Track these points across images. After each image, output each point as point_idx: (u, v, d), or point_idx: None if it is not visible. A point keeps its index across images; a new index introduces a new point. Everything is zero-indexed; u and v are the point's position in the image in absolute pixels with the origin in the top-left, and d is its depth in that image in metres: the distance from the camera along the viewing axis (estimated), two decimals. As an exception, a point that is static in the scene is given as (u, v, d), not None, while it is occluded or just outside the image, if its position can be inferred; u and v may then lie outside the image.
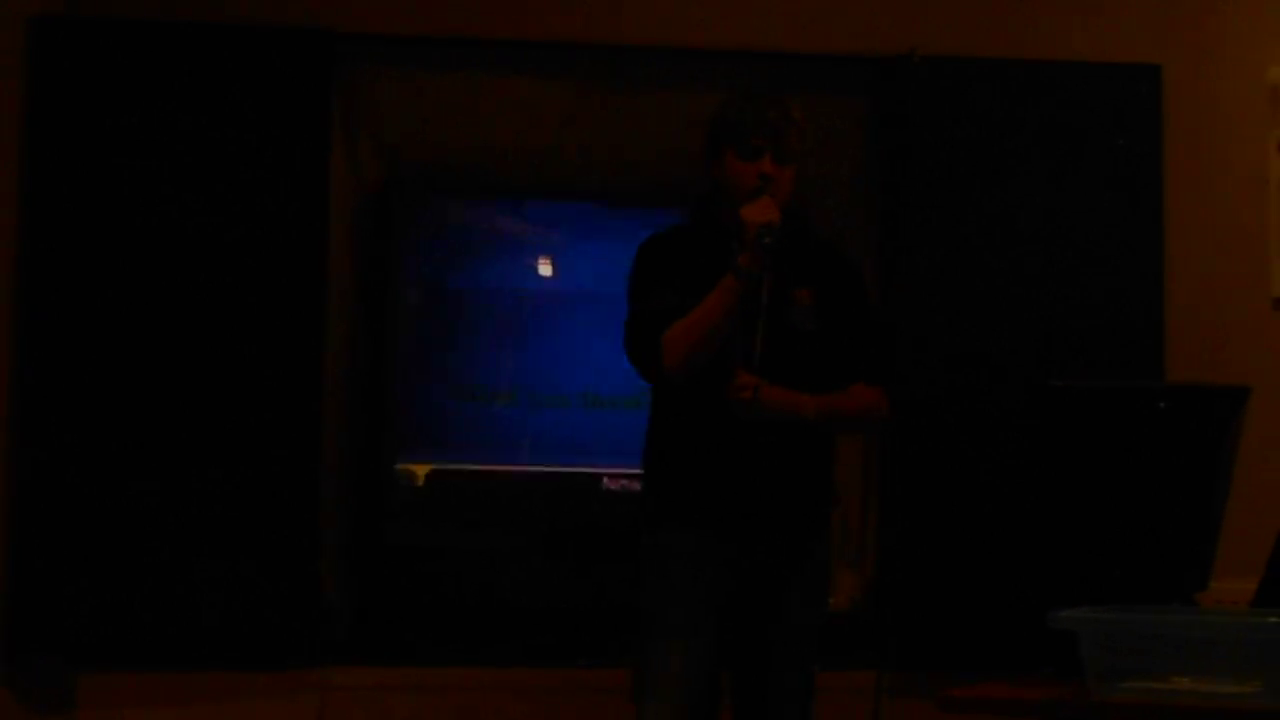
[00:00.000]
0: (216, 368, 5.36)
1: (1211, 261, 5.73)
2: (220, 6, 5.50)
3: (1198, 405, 3.77)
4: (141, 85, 5.40)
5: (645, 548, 4.12)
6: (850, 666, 5.57)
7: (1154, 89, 5.72)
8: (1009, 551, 5.08)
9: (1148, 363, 5.60)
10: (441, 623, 5.59)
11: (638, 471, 4.31)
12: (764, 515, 4.05)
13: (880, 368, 4.22)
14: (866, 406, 4.16)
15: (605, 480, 5.63)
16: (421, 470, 5.61)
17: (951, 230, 5.65)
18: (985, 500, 5.38)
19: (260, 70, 5.46)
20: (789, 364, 4.01)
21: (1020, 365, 5.52)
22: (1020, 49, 5.72)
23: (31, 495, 5.28)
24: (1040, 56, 5.71)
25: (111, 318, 5.34)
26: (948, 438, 5.53)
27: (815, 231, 4.31)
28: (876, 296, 5.78)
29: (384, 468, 5.62)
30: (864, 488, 5.82)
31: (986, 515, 5.37)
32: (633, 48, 5.69)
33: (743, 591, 4.05)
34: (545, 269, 5.78)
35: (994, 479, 5.33)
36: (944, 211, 5.66)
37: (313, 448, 5.41)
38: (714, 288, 3.97)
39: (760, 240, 3.93)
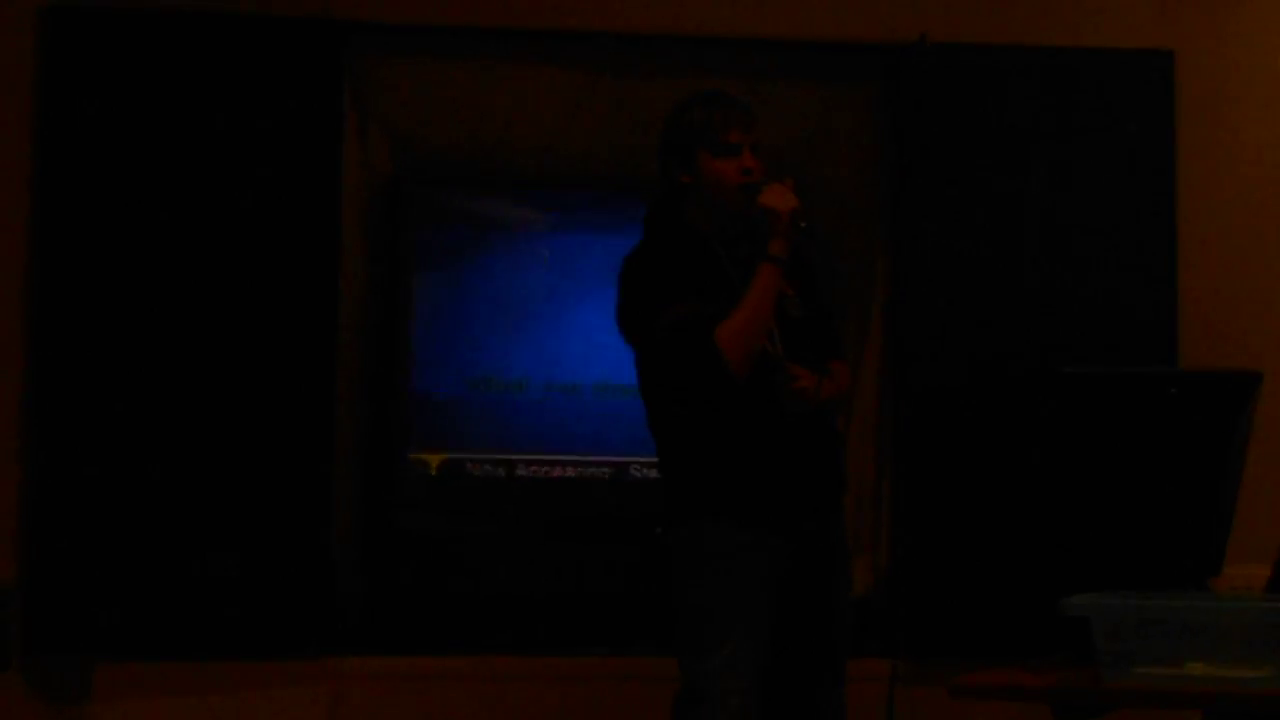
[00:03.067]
0: (229, 358, 5.37)
1: (1224, 247, 5.72)
2: (232, -3, 5.51)
3: (1210, 391, 3.76)
4: (152, 75, 5.40)
5: (694, 545, 3.99)
6: (863, 654, 5.57)
7: (1166, 74, 5.71)
8: (1021, 538, 5.08)
9: (1160, 349, 5.59)
10: (454, 611, 5.60)
11: (653, 461, 4.27)
12: (808, 504, 4.04)
13: (841, 343, 4.31)
14: (850, 382, 4.30)
15: (623, 469, 5.64)
16: (434, 459, 5.61)
17: (963, 217, 5.64)
18: (997, 488, 5.38)
19: (271, 60, 5.46)
20: (791, 351, 4.03)
21: (1032, 352, 5.52)
22: (1032, 35, 5.71)
23: (46, 488, 5.29)
24: (1052, 42, 5.70)
25: (123, 310, 5.34)
26: (960, 425, 5.52)
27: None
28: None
29: (396, 457, 5.62)
30: (877, 476, 5.81)
31: (999, 503, 5.37)
32: (642, 36, 5.69)
33: (791, 582, 4.00)
34: (557, 258, 5.78)
35: (1006, 466, 5.33)
36: (955, 199, 5.65)
37: (325, 437, 5.42)
38: (714, 290, 3.95)
39: (798, 225, 3.92)
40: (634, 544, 5.39)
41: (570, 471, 5.67)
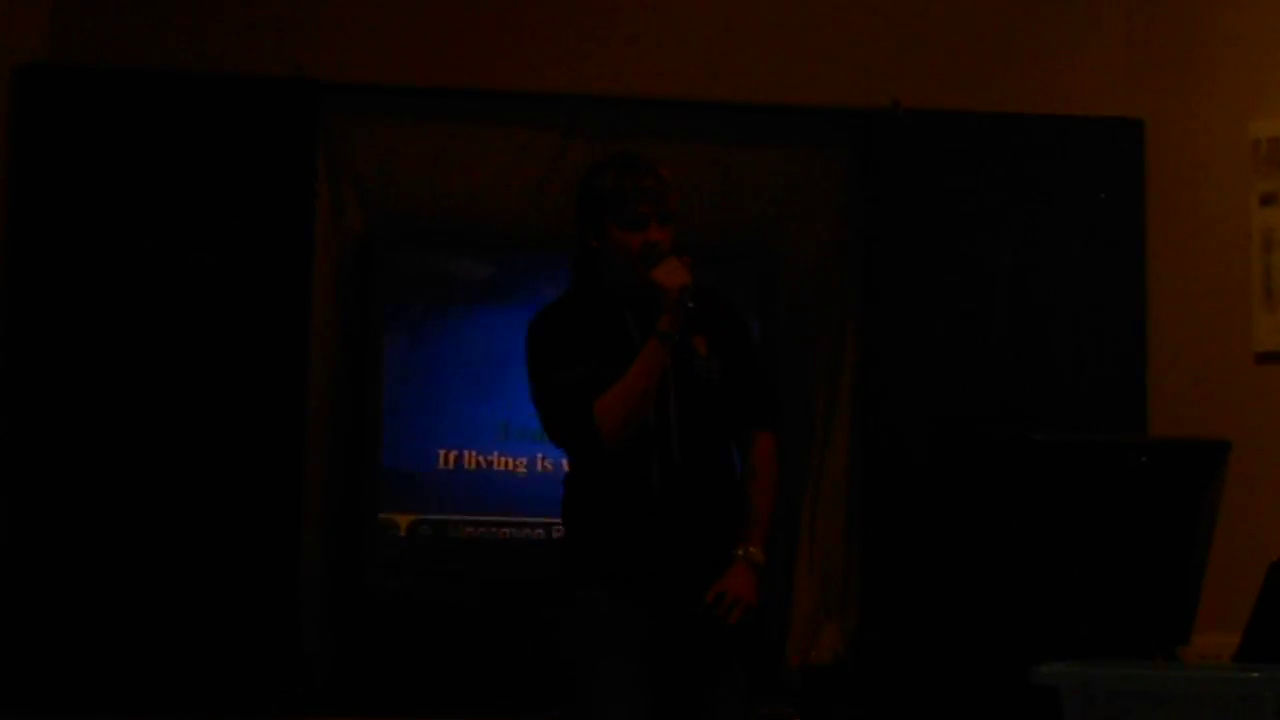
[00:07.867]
0: (199, 415, 5.35)
1: (1194, 315, 5.73)
2: (206, 56, 5.51)
3: (1180, 459, 3.77)
4: (127, 134, 5.41)
5: (572, 606, 4.03)
6: (831, 718, 5.57)
7: (1137, 143, 5.75)
8: (991, 605, 5.07)
9: (1130, 416, 5.60)
10: (421, 673, 5.56)
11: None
12: (684, 573, 3.99)
13: (770, 410, 4.20)
14: (777, 479, 4.16)
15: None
16: (403, 520, 5.59)
17: (933, 282, 5.66)
18: (968, 553, 5.37)
19: (245, 119, 5.47)
20: (699, 414, 4.03)
21: (1002, 418, 5.52)
22: (1003, 102, 5.74)
23: (6, 542, 5.25)
24: (1023, 110, 5.74)
25: (94, 366, 5.33)
26: (930, 489, 5.52)
27: (697, 279, 4.27)
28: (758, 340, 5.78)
29: (365, 517, 5.60)
30: (846, 541, 5.80)
31: (969, 568, 5.36)
32: (615, 99, 5.71)
33: (668, 646, 3.98)
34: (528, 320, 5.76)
35: (976, 531, 5.32)
36: (926, 263, 5.67)
37: (294, 496, 5.40)
38: (615, 353, 3.95)
39: (683, 303, 3.91)
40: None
41: (538, 533, 5.65)
